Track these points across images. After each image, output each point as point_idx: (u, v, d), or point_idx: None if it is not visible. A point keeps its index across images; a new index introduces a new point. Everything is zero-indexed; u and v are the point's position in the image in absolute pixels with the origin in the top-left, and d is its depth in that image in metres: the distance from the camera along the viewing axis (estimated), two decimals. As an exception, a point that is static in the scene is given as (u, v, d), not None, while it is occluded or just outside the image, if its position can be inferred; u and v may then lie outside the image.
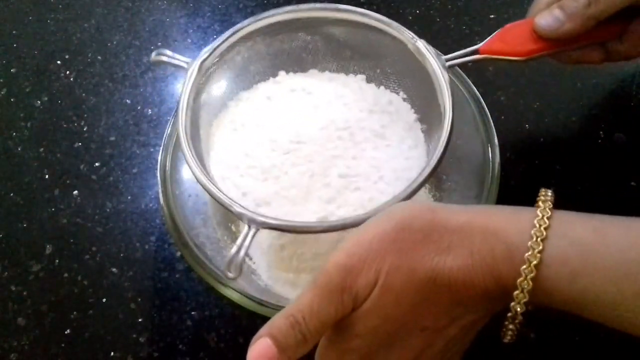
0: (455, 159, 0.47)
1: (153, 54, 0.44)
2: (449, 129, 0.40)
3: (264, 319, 0.34)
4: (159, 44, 0.62)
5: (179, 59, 0.44)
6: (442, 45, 0.46)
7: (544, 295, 0.30)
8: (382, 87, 0.48)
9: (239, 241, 0.36)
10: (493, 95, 0.56)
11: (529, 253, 0.29)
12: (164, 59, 0.44)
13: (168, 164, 0.45)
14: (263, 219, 0.37)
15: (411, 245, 0.30)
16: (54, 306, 0.46)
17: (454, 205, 0.33)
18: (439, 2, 0.63)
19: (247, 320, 0.45)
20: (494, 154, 0.44)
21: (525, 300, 0.30)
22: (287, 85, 0.48)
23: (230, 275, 0.36)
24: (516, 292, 0.29)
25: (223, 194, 0.38)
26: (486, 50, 0.44)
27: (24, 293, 0.47)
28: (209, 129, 0.46)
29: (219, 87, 0.46)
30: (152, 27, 0.63)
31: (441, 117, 0.41)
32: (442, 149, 0.40)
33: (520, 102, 0.56)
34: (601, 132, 0.53)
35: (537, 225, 0.29)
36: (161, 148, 0.46)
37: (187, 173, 0.46)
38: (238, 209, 0.37)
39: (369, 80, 0.48)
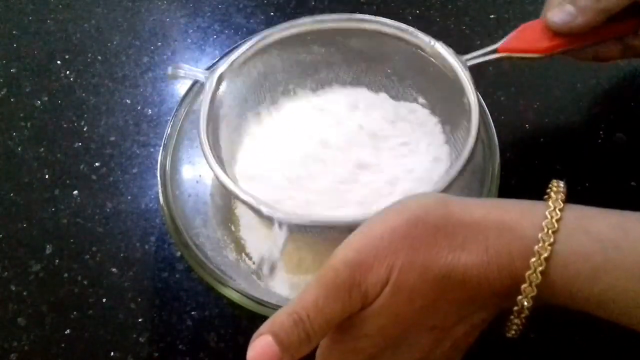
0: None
1: (169, 69, 0.45)
2: (477, 124, 0.41)
3: (264, 319, 0.34)
4: (159, 44, 0.62)
5: (197, 72, 0.45)
6: (442, 45, 0.46)
7: (565, 294, 0.29)
8: (401, 98, 0.48)
9: (270, 242, 0.36)
10: (493, 95, 0.56)
11: (539, 245, 0.28)
12: (181, 73, 0.44)
13: (168, 164, 0.45)
14: (296, 219, 0.36)
15: (424, 240, 0.29)
16: (54, 306, 0.46)
17: (467, 198, 0.32)
18: (439, 2, 0.63)
19: (247, 320, 0.45)
20: (494, 154, 0.44)
21: (533, 294, 0.29)
22: (307, 100, 0.49)
23: (264, 276, 0.35)
24: (524, 286, 0.28)
25: (251, 195, 0.38)
26: (505, 48, 0.44)
27: (24, 293, 0.47)
28: (230, 142, 0.46)
29: (236, 99, 0.47)
30: (152, 27, 0.63)
31: (465, 115, 0.42)
32: (472, 143, 0.40)
33: (520, 102, 0.56)
34: (601, 132, 0.53)
35: (549, 217, 0.29)
36: (161, 148, 0.46)
37: (187, 173, 0.46)
38: (267, 211, 0.37)
39: (386, 90, 0.48)
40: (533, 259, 0.28)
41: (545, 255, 0.28)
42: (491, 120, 0.46)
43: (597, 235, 0.28)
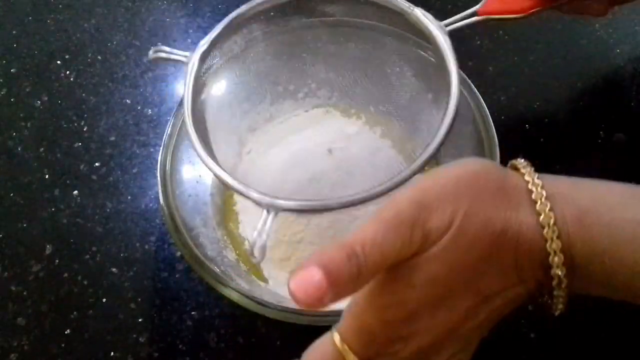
0: (455, 159, 0.47)
1: (150, 52, 0.44)
2: (457, 91, 0.40)
3: (264, 319, 0.34)
4: (159, 44, 0.61)
5: (178, 54, 0.44)
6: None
7: (599, 254, 0.28)
8: (385, 67, 0.48)
9: (259, 226, 0.35)
10: (493, 95, 0.56)
11: (542, 217, 0.28)
12: (163, 55, 0.44)
13: (168, 164, 0.45)
14: (282, 202, 0.36)
15: (487, 194, 0.29)
16: (54, 306, 0.46)
17: None
18: (439, 2, 0.63)
19: (247, 320, 0.45)
20: (494, 154, 0.44)
21: (562, 261, 0.28)
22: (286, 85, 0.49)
23: (256, 258, 0.35)
24: (550, 257, 0.28)
25: (239, 181, 0.38)
26: (484, 11, 0.44)
27: (24, 293, 0.47)
28: (215, 128, 0.45)
29: (221, 82, 0.47)
30: (152, 27, 0.63)
31: (445, 83, 0.41)
32: (453, 110, 0.39)
33: (520, 102, 0.56)
34: (601, 132, 0.53)
35: (534, 190, 0.29)
36: (161, 148, 0.46)
37: (187, 173, 0.46)
38: (256, 195, 0.37)
39: (370, 60, 0.48)
40: (545, 230, 0.28)
41: (551, 222, 0.28)
42: (491, 120, 0.46)
43: (618, 192, 0.30)
